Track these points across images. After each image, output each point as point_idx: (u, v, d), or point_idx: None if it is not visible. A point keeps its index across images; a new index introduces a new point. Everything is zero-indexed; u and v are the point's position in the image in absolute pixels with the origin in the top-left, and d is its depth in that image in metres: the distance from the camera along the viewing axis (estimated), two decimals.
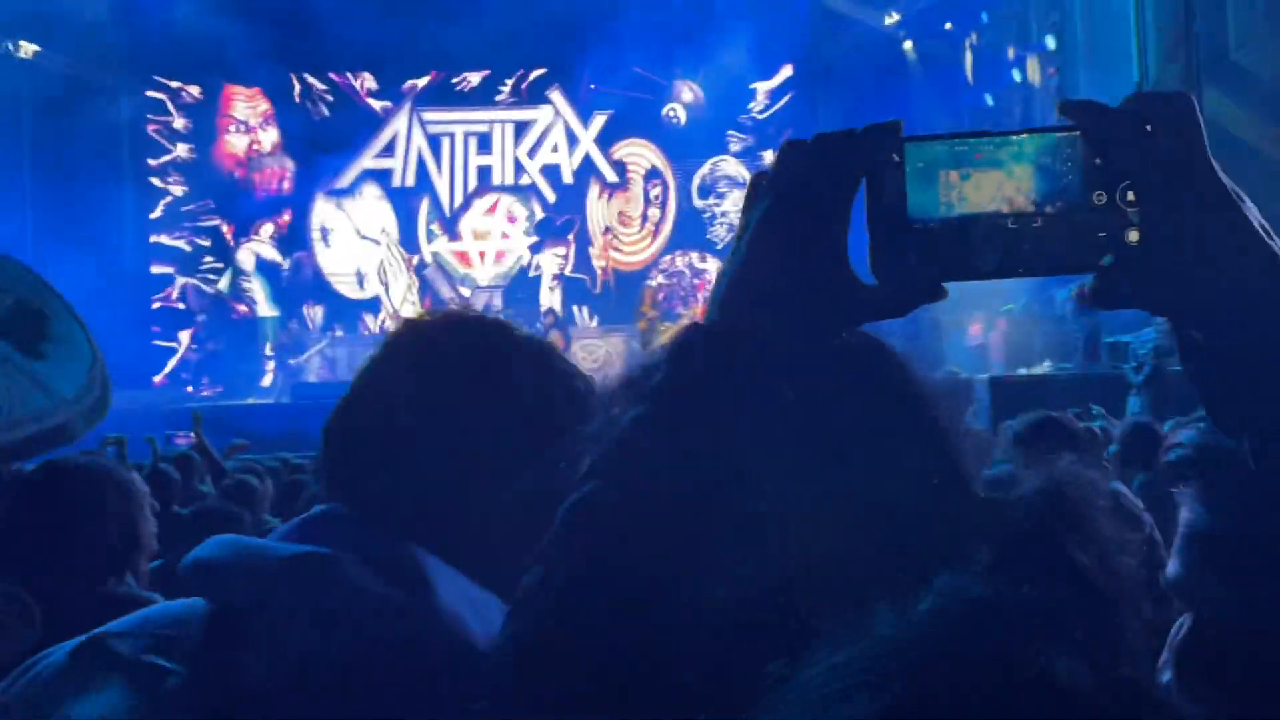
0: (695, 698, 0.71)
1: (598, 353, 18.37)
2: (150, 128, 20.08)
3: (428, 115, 20.73)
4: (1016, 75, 16.09)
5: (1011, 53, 16.29)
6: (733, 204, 20.43)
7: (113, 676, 1.04)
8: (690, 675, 0.73)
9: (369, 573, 1.05)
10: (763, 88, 20.34)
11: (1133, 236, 0.78)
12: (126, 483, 2.65)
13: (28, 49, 17.59)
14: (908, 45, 18.13)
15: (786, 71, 20.21)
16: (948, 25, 17.62)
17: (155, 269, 20.05)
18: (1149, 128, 0.77)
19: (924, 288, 0.80)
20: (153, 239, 20.06)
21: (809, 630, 0.55)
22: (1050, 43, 14.85)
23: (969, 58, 17.65)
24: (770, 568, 0.77)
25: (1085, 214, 0.78)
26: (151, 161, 20.08)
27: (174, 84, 20.10)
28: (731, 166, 20.49)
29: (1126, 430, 5.40)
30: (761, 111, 20.42)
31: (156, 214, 20.10)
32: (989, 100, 17.00)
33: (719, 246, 20.53)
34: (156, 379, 19.21)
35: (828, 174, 0.81)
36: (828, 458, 0.81)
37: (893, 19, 18.59)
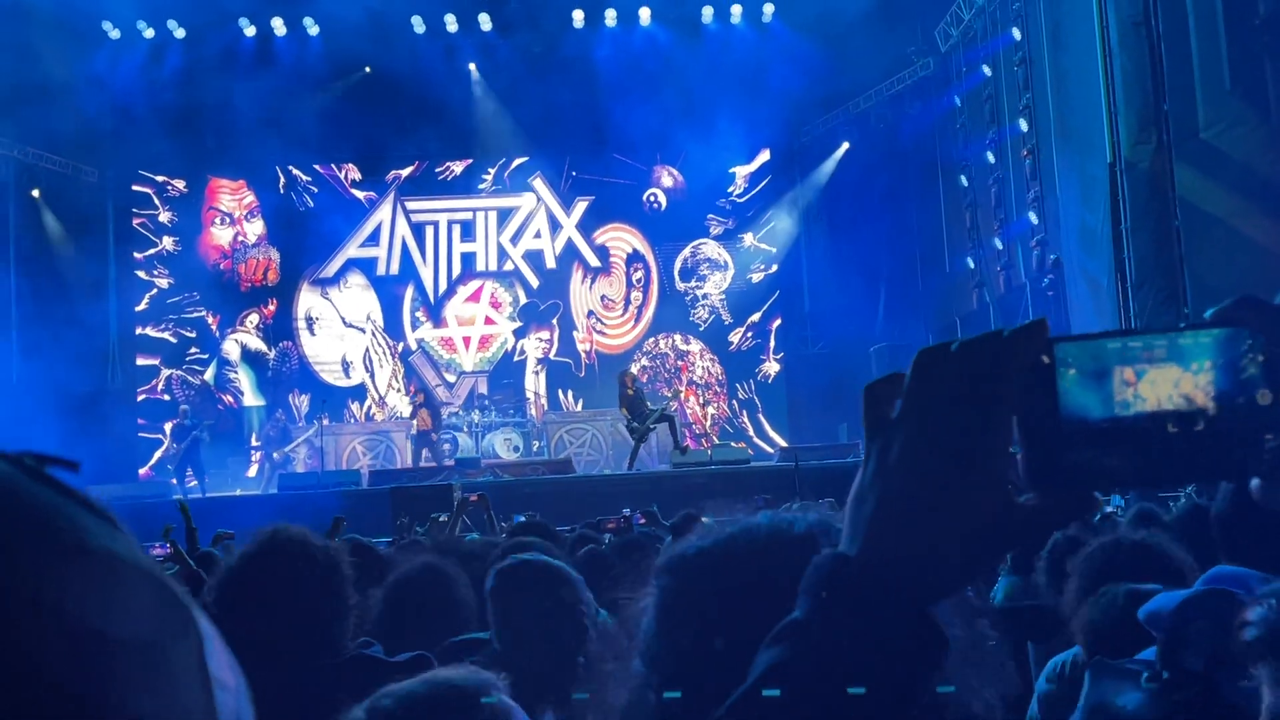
0: None
1: (583, 436, 18.32)
2: (135, 221, 20.23)
3: (412, 204, 20.94)
4: (990, 157, 16.37)
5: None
6: (714, 286, 20.62)
7: None
8: None
9: None
10: (741, 172, 20.68)
11: None
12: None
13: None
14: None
15: (764, 156, 20.58)
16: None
17: (141, 361, 20.05)
18: None
19: (1081, 501, 0.74)
20: (138, 331, 20.11)
21: None
22: (1023, 125, 15.12)
23: (943, 140, 17.99)
24: None
25: (1252, 415, 0.71)
26: (137, 254, 20.21)
27: (159, 178, 20.29)
28: (712, 249, 20.71)
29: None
30: (740, 195, 20.74)
31: (142, 306, 20.18)
32: (964, 180, 17.30)
33: (701, 329, 20.67)
34: (142, 471, 19.09)
35: (980, 386, 0.73)
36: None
37: (866, 104, 19.05)
